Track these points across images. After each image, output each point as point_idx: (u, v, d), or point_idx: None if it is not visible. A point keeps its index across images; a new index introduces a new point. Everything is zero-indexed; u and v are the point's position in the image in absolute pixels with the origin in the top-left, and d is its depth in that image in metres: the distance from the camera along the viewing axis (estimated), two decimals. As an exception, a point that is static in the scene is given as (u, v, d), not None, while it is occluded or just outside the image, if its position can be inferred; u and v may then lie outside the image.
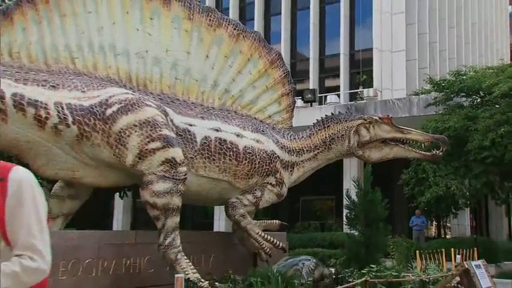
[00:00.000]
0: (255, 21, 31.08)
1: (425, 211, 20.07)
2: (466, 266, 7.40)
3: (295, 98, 9.63)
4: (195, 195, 7.98)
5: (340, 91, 28.14)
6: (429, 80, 20.17)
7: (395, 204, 20.45)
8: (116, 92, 7.16)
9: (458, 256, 11.41)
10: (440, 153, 9.25)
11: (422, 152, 9.36)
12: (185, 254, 7.24)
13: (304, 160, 9.09)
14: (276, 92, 9.14)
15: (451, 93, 18.84)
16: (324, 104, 25.83)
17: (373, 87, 26.10)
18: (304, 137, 9.22)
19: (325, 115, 9.49)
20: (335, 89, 28.66)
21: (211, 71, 8.41)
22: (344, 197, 11.80)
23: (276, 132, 8.99)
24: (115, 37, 7.61)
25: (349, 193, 11.34)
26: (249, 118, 8.73)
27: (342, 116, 9.33)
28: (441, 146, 9.21)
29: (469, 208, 21.62)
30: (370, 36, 27.72)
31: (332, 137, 9.12)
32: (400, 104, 21.30)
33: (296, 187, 9.58)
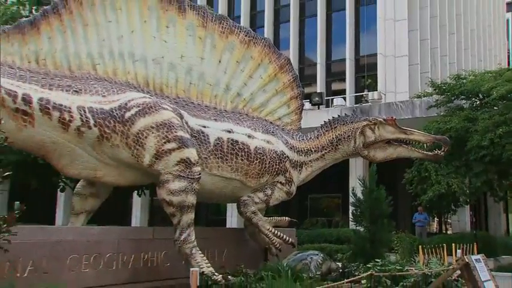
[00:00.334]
0: (265, 28, 31.04)
1: (427, 208, 19.94)
2: (467, 260, 7.35)
3: (303, 101, 9.62)
4: (209, 193, 7.99)
5: (346, 94, 28.05)
6: (431, 84, 20.07)
7: (399, 201, 20.37)
8: (135, 96, 7.20)
9: (458, 251, 11.33)
10: (441, 153, 9.21)
11: (424, 152, 9.33)
12: (200, 249, 7.26)
13: (312, 160, 9.08)
14: (285, 95, 9.14)
15: (452, 95, 18.73)
16: (331, 107, 25.73)
17: (377, 90, 26.00)
18: (312, 138, 9.20)
19: (332, 117, 9.47)
20: (341, 92, 28.57)
21: (223, 76, 8.42)
22: (350, 195, 11.77)
23: (286, 133, 8.98)
24: (133, 45, 7.66)
25: (355, 191, 11.31)
26: (260, 120, 8.73)
27: (348, 118, 9.31)
28: (443, 146, 9.17)
29: (469, 205, 21.46)
30: (374, 42, 27.61)
31: (339, 138, 9.11)
32: (403, 106, 21.19)
33: (304, 185, 9.57)
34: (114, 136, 6.93)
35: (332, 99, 27.36)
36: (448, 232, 24.71)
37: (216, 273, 7.12)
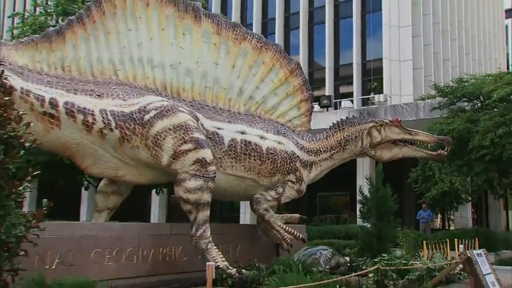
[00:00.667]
0: (276, 35, 30.99)
1: (431, 205, 19.81)
2: (469, 255, 7.29)
3: (312, 104, 9.60)
4: (223, 191, 8.00)
5: (353, 97, 27.93)
6: (434, 87, 19.96)
7: (404, 199, 20.25)
8: (153, 100, 7.23)
9: (461, 246, 11.28)
10: (445, 152, 9.15)
11: (428, 152, 9.26)
12: (215, 244, 7.28)
13: (321, 160, 9.06)
14: (296, 98, 9.12)
15: (454, 98, 18.63)
16: (339, 109, 25.64)
17: (383, 93, 25.84)
18: (321, 139, 9.18)
19: (340, 119, 9.44)
20: (349, 95, 28.45)
21: (237, 80, 8.43)
22: (357, 193, 11.75)
23: (296, 134, 8.96)
24: (152, 51, 7.70)
25: (362, 189, 11.29)
26: (272, 122, 8.73)
27: (356, 120, 9.28)
28: (446, 146, 9.11)
29: (471, 202, 21.30)
30: (380, 47, 27.46)
31: (347, 139, 9.07)
32: (408, 108, 21.08)
33: (314, 184, 9.54)
34: (134, 138, 6.97)
35: (340, 101, 27.24)
36: (451, 228, 24.50)
37: (231, 267, 7.13)
